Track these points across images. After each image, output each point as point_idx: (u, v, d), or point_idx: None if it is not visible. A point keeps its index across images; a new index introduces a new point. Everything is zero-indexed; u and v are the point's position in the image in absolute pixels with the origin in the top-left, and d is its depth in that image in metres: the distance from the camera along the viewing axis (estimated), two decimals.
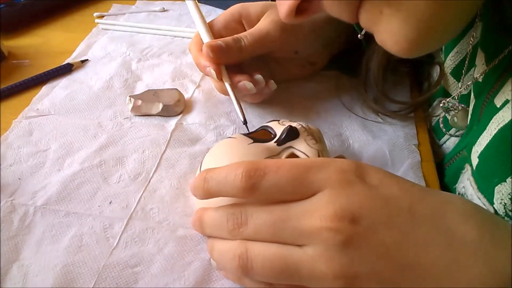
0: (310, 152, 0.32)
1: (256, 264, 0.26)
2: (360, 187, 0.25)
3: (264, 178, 0.26)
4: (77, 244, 0.32)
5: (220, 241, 0.29)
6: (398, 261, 0.24)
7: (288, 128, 0.33)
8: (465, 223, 0.24)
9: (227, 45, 0.40)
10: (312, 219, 0.25)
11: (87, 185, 0.37)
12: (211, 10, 0.64)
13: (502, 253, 0.23)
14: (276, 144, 0.33)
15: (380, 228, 0.24)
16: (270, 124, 0.36)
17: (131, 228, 0.34)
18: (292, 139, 0.33)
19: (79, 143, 0.41)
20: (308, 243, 0.25)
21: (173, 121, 0.44)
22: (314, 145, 0.33)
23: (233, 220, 0.27)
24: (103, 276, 0.30)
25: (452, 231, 0.24)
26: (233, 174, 0.26)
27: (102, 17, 0.63)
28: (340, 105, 0.46)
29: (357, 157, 0.40)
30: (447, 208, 0.25)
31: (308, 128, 0.34)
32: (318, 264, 0.24)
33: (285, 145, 0.33)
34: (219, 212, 0.29)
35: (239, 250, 0.26)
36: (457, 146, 0.40)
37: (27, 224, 0.34)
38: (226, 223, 0.28)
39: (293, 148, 0.33)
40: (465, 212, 0.25)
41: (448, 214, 0.25)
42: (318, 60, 0.48)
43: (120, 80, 0.50)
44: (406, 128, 0.43)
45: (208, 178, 0.28)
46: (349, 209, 0.24)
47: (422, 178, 0.38)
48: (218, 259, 0.29)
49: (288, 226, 0.25)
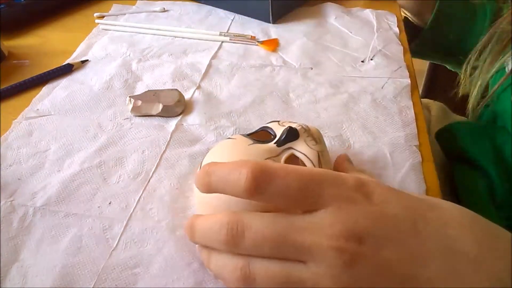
0: (310, 153, 0.32)
1: (259, 278, 0.25)
2: (364, 206, 0.25)
3: (271, 182, 0.24)
4: (77, 245, 0.32)
5: (218, 253, 0.27)
6: (400, 276, 0.24)
7: (287, 129, 0.33)
8: (464, 235, 0.25)
9: None
10: (317, 236, 0.24)
11: (86, 185, 0.37)
12: (211, 10, 0.64)
13: (501, 263, 0.24)
14: (276, 145, 0.33)
15: (385, 247, 0.24)
16: (270, 125, 0.36)
17: (130, 229, 0.34)
18: (292, 140, 0.33)
19: (78, 143, 0.41)
20: (311, 260, 0.24)
21: (173, 121, 0.44)
22: (314, 146, 0.33)
23: (227, 230, 0.25)
24: (103, 277, 0.30)
25: (452, 244, 0.24)
26: (237, 172, 0.25)
27: (103, 17, 0.63)
28: (340, 105, 0.46)
29: (357, 158, 0.40)
30: (448, 222, 0.25)
31: (308, 128, 0.34)
32: (323, 281, 0.24)
33: (285, 146, 0.33)
34: (212, 220, 0.27)
35: (241, 263, 0.25)
36: None
37: (26, 225, 0.34)
38: (219, 234, 0.25)
39: (293, 149, 0.33)
40: (465, 224, 0.26)
41: (449, 228, 0.25)
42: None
43: (120, 80, 0.49)
44: (407, 129, 0.43)
45: (210, 172, 0.26)
46: (355, 229, 0.24)
47: (423, 179, 0.38)
48: (216, 270, 0.28)
49: (290, 241, 0.24)
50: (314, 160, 0.32)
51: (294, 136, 0.33)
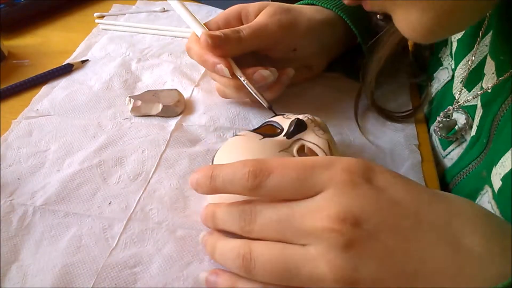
0: (320, 142, 0.33)
1: (259, 264, 0.26)
2: (365, 189, 0.25)
3: (269, 177, 0.26)
4: (76, 245, 0.32)
5: (224, 240, 0.29)
6: (401, 268, 0.23)
7: (296, 120, 0.34)
8: (473, 232, 0.24)
9: (226, 35, 0.40)
10: (314, 219, 0.24)
11: (86, 185, 0.37)
12: (211, 10, 0.64)
13: (508, 263, 0.22)
14: (286, 137, 0.33)
15: (384, 232, 0.24)
16: (275, 119, 0.36)
17: (130, 228, 0.34)
18: (301, 131, 0.33)
19: (78, 143, 0.41)
20: (310, 242, 0.25)
21: (173, 121, 0.44)
22: (322, 135, 0.33)
23: (244, 217, 0.28)
24: (102, 276, 0.30)
25: (458, 240, 0.23)
26: (240, 173, 0.27)
27: (103, 17, 0.63)
28: (339, 106, 0.46)
29: (357, 158, 0.40)
30: (455, 215, 0.24)
31: (314, 119, 0.35)
32: (319, 264, 0.24)
33: (295, 138, 0.33)
34: (232, 208, 0.29)
35: (243, 250, 0.26)
36: (462, 159, 0.38)
37: (26, 225, 0.34)
38: (238, 220, 0.28)
39: (303, 140, 0.33)
40: (475, 220, 0.24)
41: (455, 222, 0.24)
42: (315, 64, 0.48)
43: (120, 80, 0.49)
44: (407, 129, 0.43)
45: (215, 176, 0.28)
46: (351, 211, 0.24)
47: (423, 179, 0.38)
48: (220, 258, 0.29)
49: (292, 225, 0.25)
50: (325, 148, 0.32)
51: (303, 127, 0.34)
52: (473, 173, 0.36)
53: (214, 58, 0.40)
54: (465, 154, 0.38)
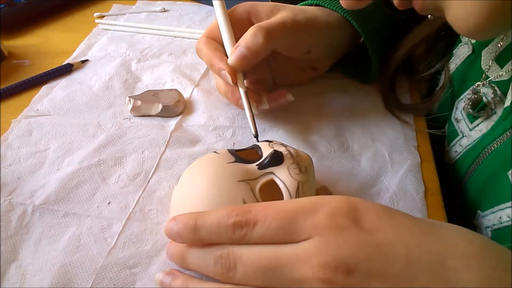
0: (289, 183, 0.31)
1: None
2: (352, 233, 0.24)
3: (254, 229, 0.26)
4: (75, 244, 0.32)
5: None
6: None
7: (272, 153, 0.32)
8: (468, 269, 0.23)
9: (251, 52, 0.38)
10: (304, 268, 0.24)
11: (85, 185, 0.37)
12: (212, 10, 0.64)
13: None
14: (258, 167, 0.32)
15: (375, 278, 0.23)
16: (261, 144, 0.35)
17: (129, 228, 0.34)
18: (275, 165, 0.32)
19: (78, 142, 0.41)
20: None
21: (173, 121, 0.44)
22: (296, 175, 0.31)
23: (221, 263, 0.26)
24: (101, 276, 0.30)
25: (453, 281, 0.23)
26: (224, 223, 0.26)
27: (103, 17, 0.63)
28: (339, 106, 0.46)
29: (356, 159, 0.40)
30: (447, 252, 0.24)
31: (296, 155, 0.32)
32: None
33: (266, 170, 0.32)
34: (205, 252, 0.28)
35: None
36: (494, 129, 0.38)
37: (25, 224, 0.34)
38: (213, 266, 0.27)
39: (274, 175, 0.31)
40: (469, 254, 0.23)
41: (449, 261, 0.23)
42: (321, 66, 0.48)
43: (119, 80, 0.50)
44: (406, 130, 0.43)
45: (199, 228, 0.27)
46: (342, 259, 0.23)
47: (421, 180, 0.38)
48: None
49: (279, 274, 0.25)
50: (291, 190, 0.30)
51: (278, 161, 0.32)
52: (506, 143, 0.36)
53: (221, 64, 0.39)
54: (498, 124, 0.38)
